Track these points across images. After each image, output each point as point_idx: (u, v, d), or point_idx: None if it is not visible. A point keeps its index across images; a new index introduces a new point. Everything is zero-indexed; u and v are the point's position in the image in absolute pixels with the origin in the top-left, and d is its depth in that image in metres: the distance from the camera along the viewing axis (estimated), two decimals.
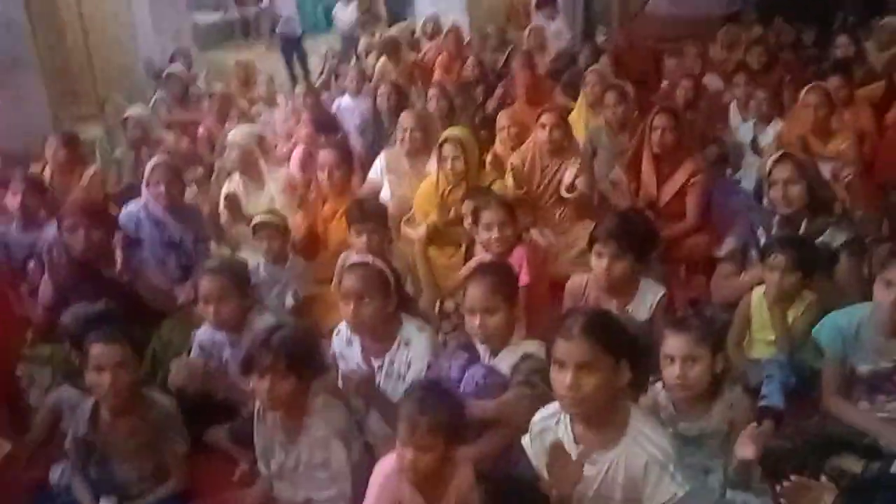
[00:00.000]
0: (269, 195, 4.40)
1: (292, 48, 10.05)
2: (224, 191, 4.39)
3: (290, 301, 3.67)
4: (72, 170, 4.79)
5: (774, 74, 6.10)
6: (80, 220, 3.51)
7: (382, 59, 7.61)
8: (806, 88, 4.53)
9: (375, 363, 2.76)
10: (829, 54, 6.43)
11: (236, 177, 4.49)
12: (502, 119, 5.07)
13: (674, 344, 2.30)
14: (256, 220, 3.80)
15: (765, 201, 3.38)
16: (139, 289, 3.64)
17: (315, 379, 2.52)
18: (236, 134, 4.52)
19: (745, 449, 2.20)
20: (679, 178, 4.18)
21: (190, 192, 4.69)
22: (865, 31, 6.96)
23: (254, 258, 3.77)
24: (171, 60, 7.88)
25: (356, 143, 5.56)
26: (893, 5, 7.82)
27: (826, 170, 3.92)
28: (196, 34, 10.34)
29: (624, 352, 2.02)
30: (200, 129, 6.35)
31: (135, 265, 3.75)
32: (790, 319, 2.93)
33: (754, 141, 5.19)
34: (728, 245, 3.43)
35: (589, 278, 3.06)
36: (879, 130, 4.87)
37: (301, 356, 2.43)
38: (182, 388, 2.79)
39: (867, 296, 2.67)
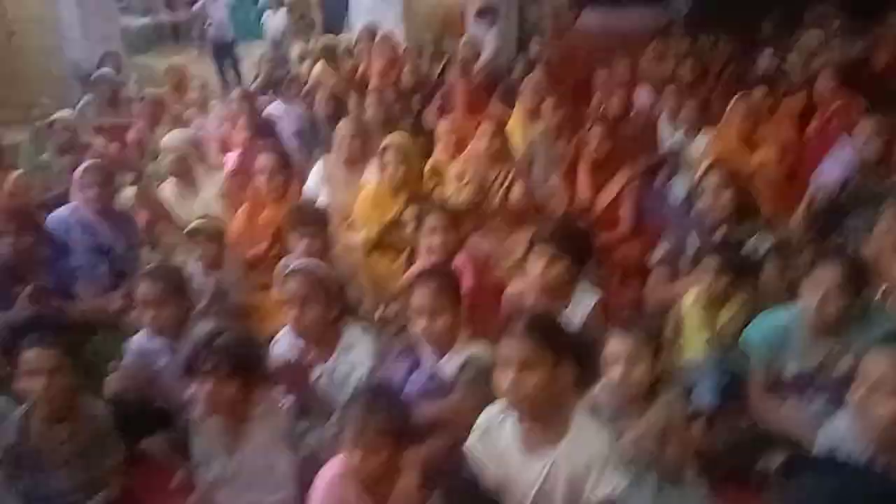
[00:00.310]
0: (205, 201, 4.34)
1: (224, 54, 9.93)
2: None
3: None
4: None
5: (704, 86, 6.32)
6: (7, 225, 3.40)
7: (319, 65, 7.57)
8: (734, 99, 4.72)
9: (318, 368, 2.74)
10: (754, 67, 6.68)
11: (170, 182, 4.40)
12: (443, 127, 5.11)
13: (618, 345, 2.35)
14: (191, 225, 3.73)
15: (695, 208, 3.50)
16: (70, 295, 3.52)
17: (258, 384, 2.50)
18: (171, 139, 4.44)
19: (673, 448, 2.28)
20: (614, 186, 4.31)
21: (121, 198, 4.59)
22: (788, 45, 7.25)
23: (192, 264, 3.70)
24: (100, 64, 7.66)
25: (290, 149, 5.51)
26: (813, 21, 8.23)
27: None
28: (125, 38, 10.07)
29: (566, 351, 2.08)
30: (131, 134, 6.19)
31: (64, 272, 3.63)
32: (721, 322, 3.03)
33: (685, 150, 5.36)
34: (661, 251, 3.53)
35: (528, 283, 3.11)
36: (801, 141, 5.08)
37: (245, 360, 2.41)
38: (118, 395, 2.72)
39: (790, 299, 2.79)
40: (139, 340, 3.01)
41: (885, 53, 6.83)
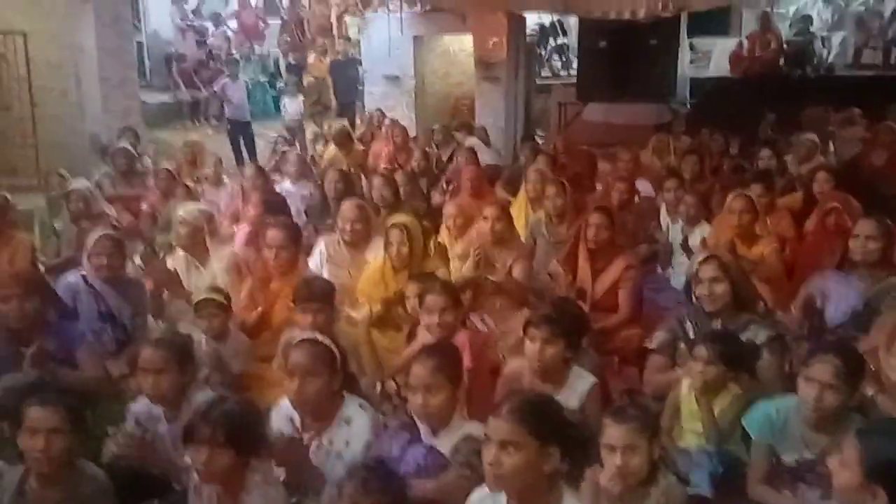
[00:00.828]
0: (213, 273, 4.40)
1: (240, 132, 10.20)
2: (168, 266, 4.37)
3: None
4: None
5: (705, 182, 6.46)
6: (14, 289, 3.44)
7: (332, 147, 7.80)
8: (732, 195, 4.81)
9: (314, 440, 2.74)
10: (753, 164, 6.86)
11: (179, 253, 4.48)
12: (449, 209, 5.23)
13: (614, 434, 2.35)
14: (199, 297, 3.78)
15: (693, 298, 3.54)
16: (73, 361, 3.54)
17: (255, 456, 2.49)
18: (185, 210, 4.53)
19: None
20: (612, 272, 4.36)
21: (131, 267, 4.66)
22: (786, 145, 7.46)
23: (194, 334, 3.73)
24: (118, 138, 7.89)
25: (301, 225, 5.62)
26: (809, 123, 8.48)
27: None
28: (145, 114, 10.38)
29: (554, 437, 2.08)
30: (144, 205, 6.33)
31: (69, 336, 3.66)
32: (717, 411, 3.03)
33: (684, 242, 5.45)
34: (658, 338, 3.54)
35: (525, 365, 3.14)
36: (799, 237, 5.16)
37: (242, 430, 2.40)
38: (115, 460, 2.70)
39: (787, 390, 2.81)
40: (139, 407, 3.01)
41: (878, 158, 7.02)
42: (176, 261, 4.50)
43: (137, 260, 5.32)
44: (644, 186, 6.62)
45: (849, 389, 2.60)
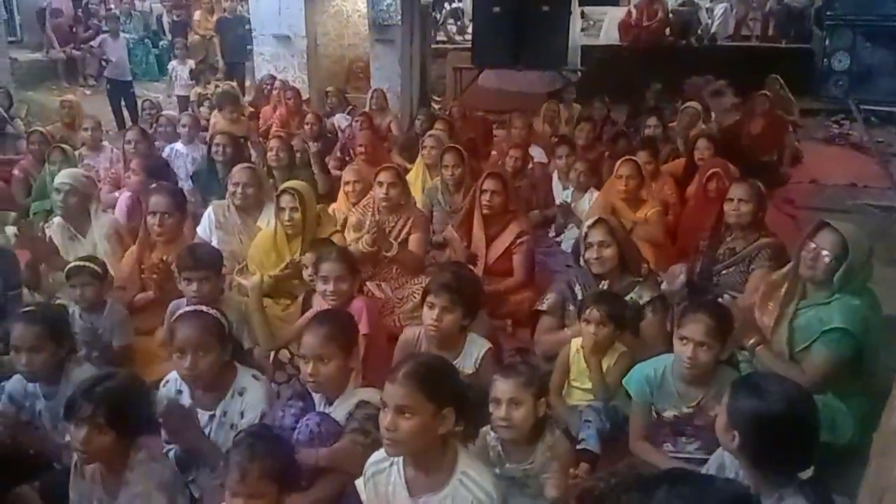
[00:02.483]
0: (93, 242, 4.18)
1: (120, 93, 9.69)
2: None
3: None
4: None
5: (595, 150, 6.62)
6: None
7: (217, 111, 7.51)
8: (620, 161, 4.97)
9: (207, 413, 2.67)
10: (640, 132, 7.09)
11: (57, 221, 4.23)
12: (347, 175, 5.17)
13: (501, 387, 2.44)
14: (70, 265, 3.58)
15: (581, 261, 3.64)
16: None
17: (139, 434, 2.40)
18: (67, 175, 4.27)
19: (551, 490, 2.45)
20: (506, 238, 4.43)
21: (2, 237, 4.38)
22: (671, 113, 7.74)
23: (73, 306, 3.55)
24: None
25: (187, 190, 5.41)
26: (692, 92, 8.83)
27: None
28: (15, 72, 9.70)
29: (448, 399, 2.10)
30: (15, 171, 5.93)
31: None
32: (604, 369, 3.16)
33: (573, 207, 5.60)
34: (548, 300, 3.62)
35: (421, 331, 3.16)
36: (681, 201, 5.40)
37: (124, 409, 2.30)
38: None
39: (670, 348, 2.94)
40: (13, 384, 2.85)
41: (755, 126, 7.40)
42: (53, 229, 4.25)
43: (10, 229, 5.01)
44: (537, 153, 6.74)
45: (720, 345, 2.76)
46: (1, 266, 3.82)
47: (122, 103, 9.64)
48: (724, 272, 3.99)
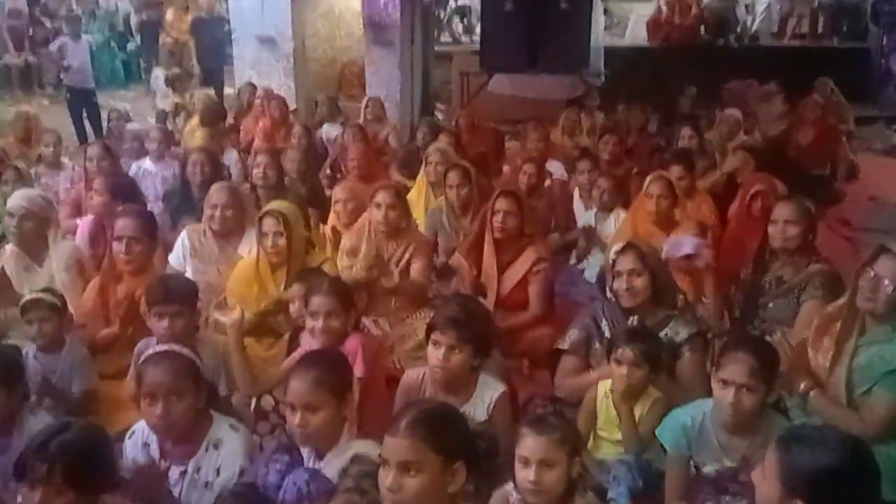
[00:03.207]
0: (50, 273, 4.20)
1: (81, 103, 9.76)
2: None
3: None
4: None
5: (621, 164, 6.64)
6: None
7: (195, 121, 7.57)
8: (650, 178, 4.98)
9: (178, 469, 2.67)
10: (672, 143, 7.11)
11: (9, 249, 4.26)
12: (338, 193, 5.19)
13: (531, 445, 2.38)
14: (26, 298, 3.61)
15: (608, 292, 3.63)
16: None
17: (101, 492, 2.39)
18: (21, 197, 4.30)
19: None
20: (521, 265, 4.43)
21: None
22: (708, 122, 7.76)
23: (27, 346, 3.56)
24: None
25: (158, 213, 5.45)
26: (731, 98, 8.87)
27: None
28: None
29: (459, 452, 2.10)
30: None
31: None
32: (636, 417, 3.13)
33: (597, 229, 5.62)
34: (571, 337, 3.61)
35: (425, 373, 3.16)
36: (722, 222, 5.37)
37: (83, 467, 2.30)
38: None
39: (710, 392, 2.92)
40: None
41: (804, 136, 7.43)
42: (6, 259, 4.27)
43: None
44: (556, 168, 6.76)
45: (765, 388, 2.74)
46: None
47: (84, 114, 9.72)
48: (770, 305, 3.96)
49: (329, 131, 8.10)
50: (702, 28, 11.70)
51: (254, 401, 3.31)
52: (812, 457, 1.99)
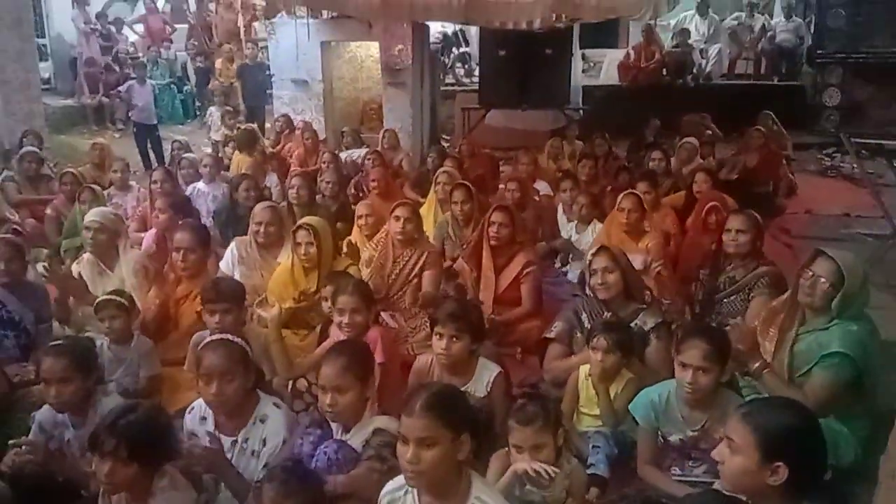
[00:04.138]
0: (121, 277, 4.19)
1: (146, 136, 9.76)
2: (73, 272, 4.13)
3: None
4: None
5: (598, 184, 6.62)
6: None
7: (237, 152, 7.59)
8: (622, 195, 4.97)
9: (229, 439, 2.65)
10: (641, 166, 7.09)
11: (87, 257, 4.25)
12: (360, 209, 5.17)
13: (520, 436, 2.40)
14: (99, 299, 3.60)
15: (587, 289, 3.62)
16: None
17: (162, 463, 2.38)
18: (96, 213, 4.30)
19: None
20: (514, 268, 4.41)
21: (33, 272, 4.40)
22: (670, 149, 7.73)
23: (99, 338, 3.55)
24: (22, 142, 7.44)
25: (210, 227, 5.44)
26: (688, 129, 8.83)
27: (638, 262, 4.25)
28: (48, 117, 9.83)
29: (464, 426, 2.08)
30: (48, 210, 6.00)
31: None
32: (612, 395, 3.12)
33: (578, 239, 5.59)
34: (556, 328, 3.60)
35: (433, 358, 3.14)
36: (682, 232, 5.36)
37: (146, 443, 2.29)
38: (16, 469, 2.53)
39: (674, 373, 2.90)
40: (44, 414, 2.84)
41: (751, 159, 7.41)
42: (83, 265, 4.27)
43: (41, 266, 5.03)
44: (542, 187, 6.75)
45: (719, 369, 2.74)
46: (33, 300, 3.84)
47: (148, 145, 9.73)
48: (725, 300, 3.94)
49: (352, 155, 8.10)
50: (664, 70, 11.68)
51: (290, 383, 3.30)
52: (784, 421, 1.95)
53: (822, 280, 2.94)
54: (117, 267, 4.25)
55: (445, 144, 10.01)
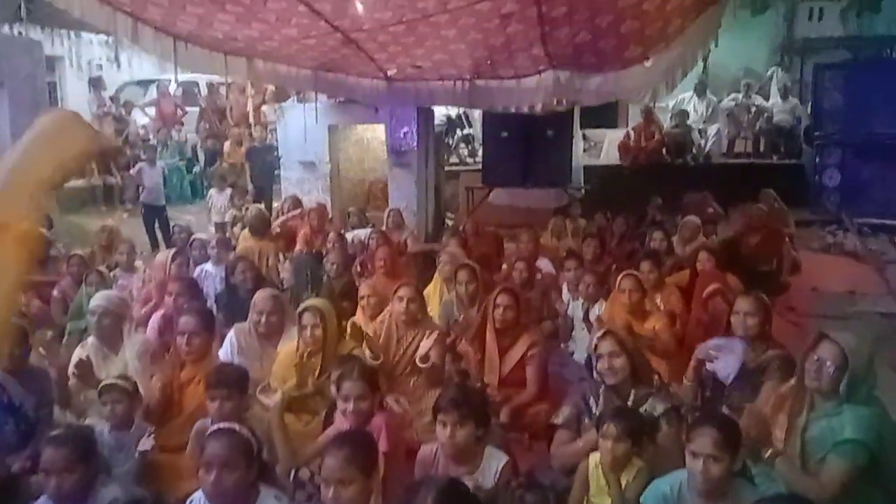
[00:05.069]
0: (124, 361, 4.17)
1: (154, 216, 9.88)
2: (76, 356, 4.11)
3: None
4: None
5: (603, 262, 6.63)
6: None
7: (245, 231, 7.66)
8: (621, 276, 4.96)
9: None
10: (644, 245, 7.12)
11: (91, 341, 4.24)
12: (363, 289, 5.18)
13: None
14: (103, 383, 3.57)
15: (594, 373, 3.58)
16: None
17: None
18: (101, 297, 4.31)
19: None
20: (518, 349, 4.39)
21: (35, 356, 4.37)
22: (672, 227, 7.78)
23: (100, 424, 3.50)
24: None
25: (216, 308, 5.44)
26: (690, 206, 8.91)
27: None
28: (59, 198, 9.99)
29: None
30: (55, 292, 6.01)
31: None
32: (623, 484, 3.02)
33: (585, 316, 5.56)
34: (564, 413, 3.54)
35: (438, 447, 3.08)
36: (689, 311, 5.27)
37: None
38: None
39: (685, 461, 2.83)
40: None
41: (753, 237, 7.43)
42: (88, 349, 4.25)
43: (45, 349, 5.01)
44: (545, 265, 6.77)
45: (730, 457, 2.66)
46: (35, 386, 3.80)
47: (156, 225, 9.84)
48: (735, 385, 3.88)
49: (358, 235, 8.16)
50: (664, 150, 11.86)
51: (292, 472, 3.23)
52: None
53: (828, 364, 2.91)
54: (122, 350, 4.23)
55: (450, 222, 10.11)
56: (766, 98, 13.21)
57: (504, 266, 6.94)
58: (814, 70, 11.66)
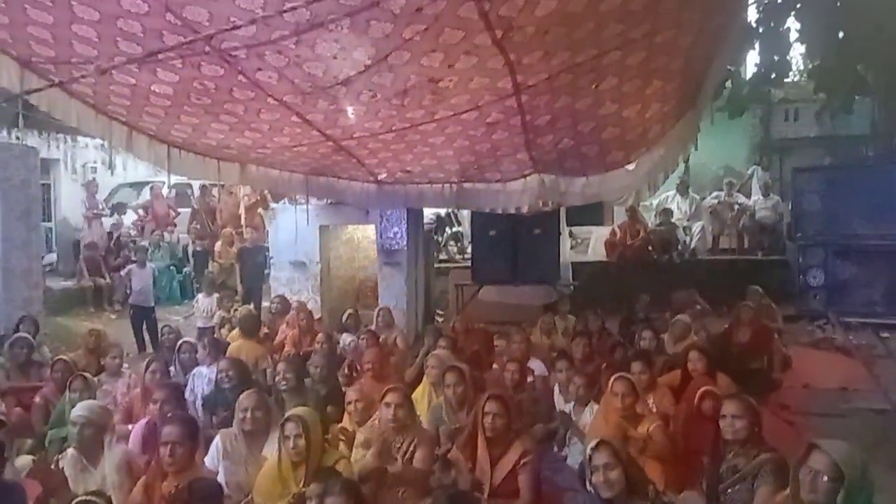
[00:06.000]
0: (103, 474, 4.04)
1: (142, 318, 9.78)
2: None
3: None
4: None
5: (594, 362, 6.58)
6: None
7: (233, 333, 7.59)
8: (613, 379, 4.88)
9: None
10: (633, 343, 7.09)
11: (69, 452, 4.12)
12: (350, 394, 5.09)
13: None
14: (76, 500, 3.42)
15: (588, 484, 3.49)
16: None
17: None
18: (81, 409, 4.22)
19: None
20: (510, 458, 4.27)
21: (11, 469, 4.23)
22: (661, 325, 7.77)
23: None
24: (17, 326, 7.46)
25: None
26: (679, 303, 8.95)
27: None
28: (48, 300, 9.95)
29: None
30: (37, 398, 5.88)
31: None
32: None
33: (575, 421, 5.45)
34: None
35: None
36: (680, 412, 5.22)
37: None
38: None
39: None
40: None
41: (742, 335, 7.44)
42: (66, 461, 4.13)
43: (24, 458, 4.86)
44: (537, 366, 6.69)
45: None
46: (8, 502, 3.66)
47: (144, 327, 9.74)
48: (729, 491, 3.79)
49: (346, 339, 8.08)
50: (649, 247, 12.02)
51: None
52: None
53: (823, 477, 2.87)
54: (101, 463, 4.11)
55: (440, 319, 10.07)
56: (748, 195, 13.53)
57: (494, 365, 6.88)
58: (792, 173, 11.98)
